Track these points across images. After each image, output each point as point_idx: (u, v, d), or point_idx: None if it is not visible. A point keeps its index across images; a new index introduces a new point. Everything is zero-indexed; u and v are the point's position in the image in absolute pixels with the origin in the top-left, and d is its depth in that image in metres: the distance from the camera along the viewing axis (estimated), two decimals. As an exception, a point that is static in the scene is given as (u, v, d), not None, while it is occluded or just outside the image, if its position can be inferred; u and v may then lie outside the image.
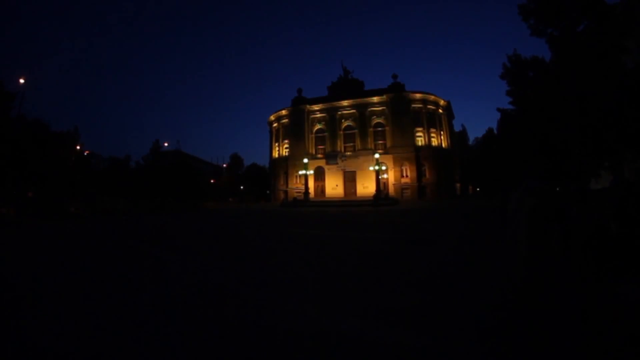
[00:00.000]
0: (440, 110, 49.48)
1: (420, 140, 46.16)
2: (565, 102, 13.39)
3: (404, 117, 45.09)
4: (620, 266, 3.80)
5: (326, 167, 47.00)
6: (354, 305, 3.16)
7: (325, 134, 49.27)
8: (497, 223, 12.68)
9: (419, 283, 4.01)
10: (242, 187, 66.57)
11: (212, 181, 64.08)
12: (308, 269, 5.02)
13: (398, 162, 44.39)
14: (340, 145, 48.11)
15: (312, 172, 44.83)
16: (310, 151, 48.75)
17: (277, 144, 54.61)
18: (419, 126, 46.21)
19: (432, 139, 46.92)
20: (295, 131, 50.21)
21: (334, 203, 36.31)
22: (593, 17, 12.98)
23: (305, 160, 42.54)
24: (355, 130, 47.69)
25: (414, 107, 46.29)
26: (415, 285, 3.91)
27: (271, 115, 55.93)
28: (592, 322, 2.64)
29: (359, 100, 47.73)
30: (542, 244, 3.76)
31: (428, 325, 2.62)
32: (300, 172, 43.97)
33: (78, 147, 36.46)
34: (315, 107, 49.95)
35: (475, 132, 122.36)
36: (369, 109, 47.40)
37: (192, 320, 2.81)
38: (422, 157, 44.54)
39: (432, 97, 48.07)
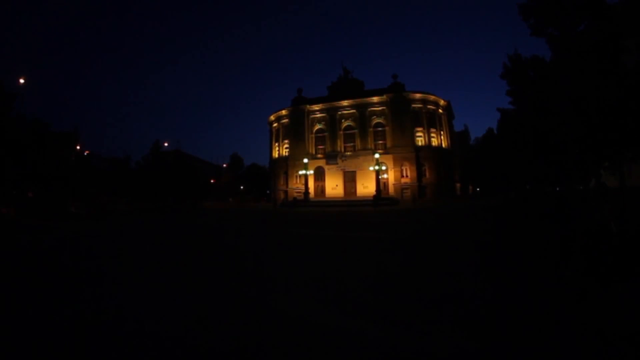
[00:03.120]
0: (440, 110, 49.48)
1: (420, 140, 46.17)
2: (565, 101, 13.38)
3: (404, 117, 45.11)
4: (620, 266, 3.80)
5: (326, 167, 47.01)
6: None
7: (325, 134, 49.27)
8: (496, 224, 12.68)
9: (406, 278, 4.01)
10: (242, 187, 66.59)
11: (212, 181, 64.09)
12: (307, 269, 5.02)
13: (398, 162, 44.40)
14: (340, 145, 48.12)
15: (312, 172, 44.84)
16: (310, 151, 48.75)
17: (277, 144, 54.61)
18: (419, 126, 46.22)
19: (432, 139, 46.93)
20: (295, 131, 50.23)
21: (334, 203, 36.31)
22: (593, 17, 12.96)
23: (305, 160, 42.54)
24: (355, 130, 47.70)
25: (413, 107, 46.30)
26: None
27: (271, 115, 55.94)
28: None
29: (359, 100, 47.74)
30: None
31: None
32: (300, 172, 44.01)
33: (78, 147, 36.48)
34: (315, 107, 49.96)
35: (475, 132, 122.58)
36: (369, 109, 47.41)
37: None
38: (422, 157, 44.56)
39: (432, 97, 48.08)
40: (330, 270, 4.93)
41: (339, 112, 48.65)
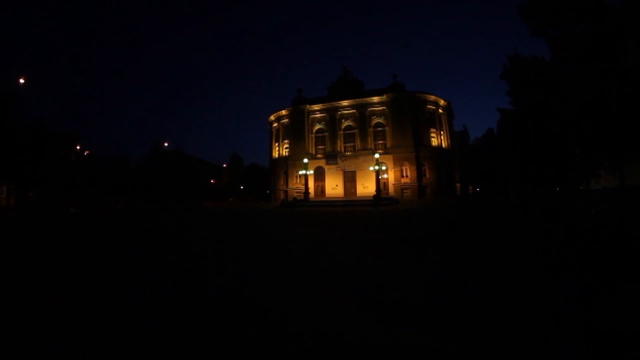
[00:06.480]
0: (440, 110, 49.56)
1: (421, 140, 46.24)
2: (565, 101, 13.42)
3: (404, 117, 45.17)
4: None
5: (326, 167, 47.06)
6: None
7: (325, 134, 49.32)
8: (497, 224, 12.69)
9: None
10: (242, 187, 66.67)
11: (212, 181, 64.12)
12: (306, 267, 5.04)
13: (398, 162, 44.46)
14: (340, 145, 48.16)
15: (312, 172, 44.88)
16: (310, 151, 48.79)
17: (277, 144, 54.66)
18: (419, 126, 46.28)
19: (432, 139, 47.03)
20: (295, 131, 50.28)
21: (334, 203, 36.31)
22: (593, 18, 13.00)
23: (305, 160, 42.59)
24: (355, 130, 47.75)
25: (413, 107, 46.38)
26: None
27: (271, 115, 56.00)
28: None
29: (358, 100, 47.79)
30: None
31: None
32: (300, 172, 44.05)
33: (78, 147, 36.49)
34: (315, 107, 50.01)
35: (475, 132, 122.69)
36: (369, 109, 47.46)
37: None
38: (422, 157, 44.62)
39: (432, 97, 48.16)
40: (333, 270, 4.95)
41: (339, 112, 48.69)
